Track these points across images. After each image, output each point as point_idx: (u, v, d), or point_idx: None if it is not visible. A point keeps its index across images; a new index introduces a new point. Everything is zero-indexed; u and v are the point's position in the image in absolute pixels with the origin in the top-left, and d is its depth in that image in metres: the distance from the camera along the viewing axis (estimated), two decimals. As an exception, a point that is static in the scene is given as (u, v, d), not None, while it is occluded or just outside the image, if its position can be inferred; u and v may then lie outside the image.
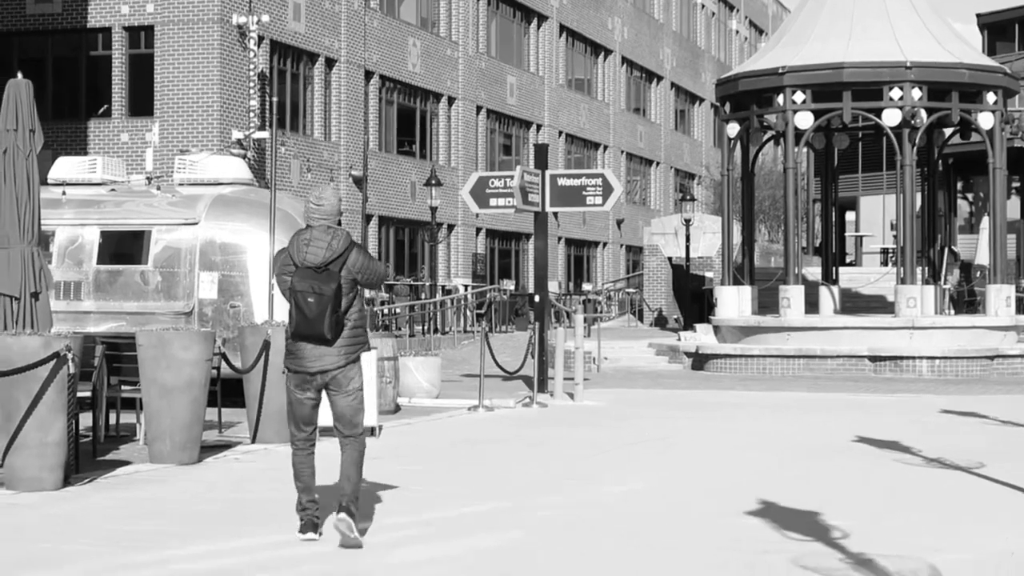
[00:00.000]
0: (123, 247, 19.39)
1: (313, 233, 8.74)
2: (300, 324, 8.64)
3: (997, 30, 62.27)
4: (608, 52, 63.20)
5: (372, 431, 15.13)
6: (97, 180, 20.14)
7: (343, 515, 8.52)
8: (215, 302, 18.59)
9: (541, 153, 24.05)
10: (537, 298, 23.01)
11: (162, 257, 18.89)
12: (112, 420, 14.89)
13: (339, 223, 8.87)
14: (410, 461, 13.31)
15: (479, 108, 51.14)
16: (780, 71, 29.95)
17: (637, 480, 12.00)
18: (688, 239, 42.41)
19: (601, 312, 46.90)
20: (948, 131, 32.96)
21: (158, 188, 19.89)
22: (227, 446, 13.99)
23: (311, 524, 8.76)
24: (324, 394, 8.85)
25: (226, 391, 16.15)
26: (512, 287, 47.68)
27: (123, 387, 14.53)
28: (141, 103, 36.39)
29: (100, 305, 18.99)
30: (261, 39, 37.16)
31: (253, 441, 14.20)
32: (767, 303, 31.87)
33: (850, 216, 57.81)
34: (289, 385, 8.81)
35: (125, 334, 15.45)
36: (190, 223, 18.90)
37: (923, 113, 29.46)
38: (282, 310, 13.23)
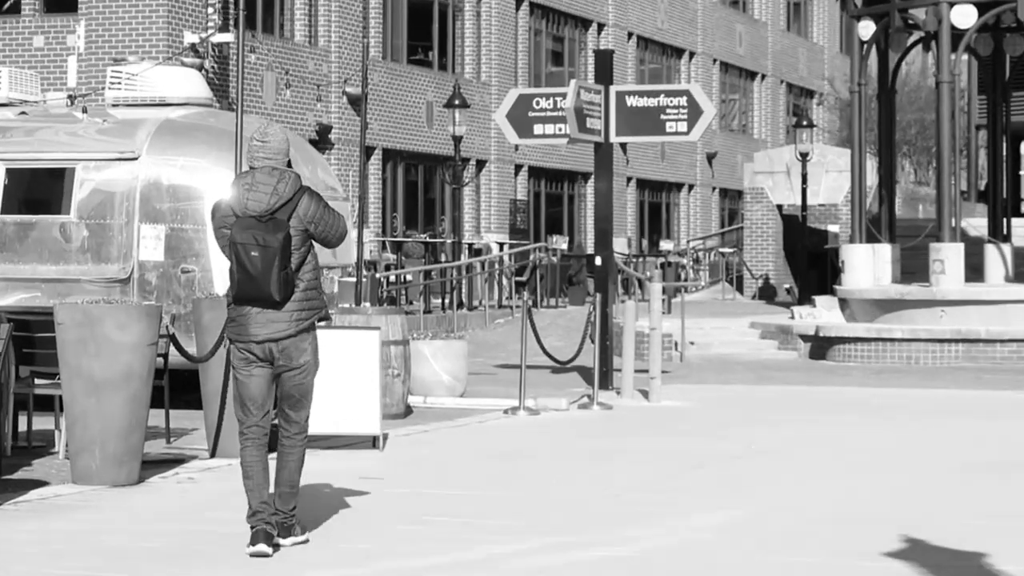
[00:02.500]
0: (36, 191, 19.44)
1: (256, 176, 9.58)
2: (243, 283, 9.43)
3: None
4: (696, -75, 63.06)
5: (374, 441, 15.15)
6: (1, 99, 20.20)
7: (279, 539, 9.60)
8: (161, 265, 18.64)
9: (604, 62, 23.98)
10: (599, 261, 22.98)
11: (89, 204, 18.94)
12: (22, 426, 14.94)
13: (288, 164, 9.68)
14: (425, 483, 13.32)
15: (519, 1, 51.05)
16: (932, -50, 29.77)
17: (735, 508, 12.00)
18: (804, 180, 42.27)
19: (686, 280, 46.87)
20: None
21: (84, 110, 19.94)
22: (178, 461, 14.03)
23: (263, 534, 9.51)
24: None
25: (177, 386, 16.18)
26: (564, 246, 47.68)
27: (37, 380, 14.58)
28: (61, -5, 36.48)
29: (5, 269, 19.07)
30: (223, -92, 37.18)
31: (213, 455, 14.23)
32: (913, 268, 31.75)
33: (1027, 149, 57.49)
34: (232, 360, 9.65)
35: (39, 308, 15.48)
36: (127, 158, 18.94)
37: None
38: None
